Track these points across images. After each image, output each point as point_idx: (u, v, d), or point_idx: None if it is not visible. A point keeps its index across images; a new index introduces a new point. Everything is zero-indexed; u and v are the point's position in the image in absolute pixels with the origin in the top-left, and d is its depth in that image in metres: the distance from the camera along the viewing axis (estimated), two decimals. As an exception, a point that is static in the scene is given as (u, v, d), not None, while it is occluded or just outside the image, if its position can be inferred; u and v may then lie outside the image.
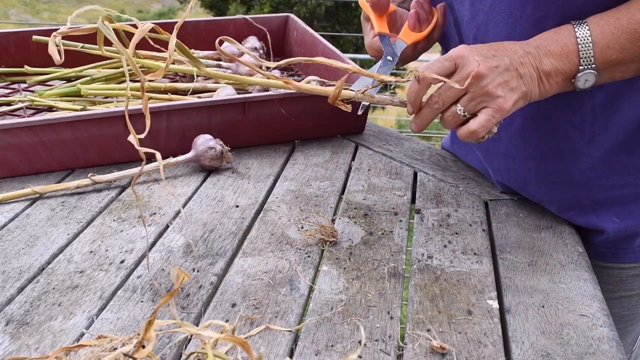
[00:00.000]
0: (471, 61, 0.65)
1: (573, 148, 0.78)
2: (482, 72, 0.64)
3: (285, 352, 0.58)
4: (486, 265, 0.72)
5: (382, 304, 0.65)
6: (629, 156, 0.77)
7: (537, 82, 0.66)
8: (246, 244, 0.76)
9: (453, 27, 0.83)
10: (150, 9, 16.08)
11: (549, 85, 0.66)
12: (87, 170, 0.91)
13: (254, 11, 8.35)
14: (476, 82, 0.65)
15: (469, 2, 0.76)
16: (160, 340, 0.59)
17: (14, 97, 1.05)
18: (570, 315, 0.64)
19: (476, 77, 0.64)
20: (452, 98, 0.67)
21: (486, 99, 0.65)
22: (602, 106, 0.74)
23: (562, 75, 0.66)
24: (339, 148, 1.02)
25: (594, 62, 0.65)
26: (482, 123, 0.66)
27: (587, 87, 0.67)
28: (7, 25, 10.48)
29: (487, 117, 0.66)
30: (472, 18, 0.76)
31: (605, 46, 0.64)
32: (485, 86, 0.65)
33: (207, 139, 0.92)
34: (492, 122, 0.66)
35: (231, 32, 1.32)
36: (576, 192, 0.80)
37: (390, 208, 0.84)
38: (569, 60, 0.65)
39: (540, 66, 0.66)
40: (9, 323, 0.62)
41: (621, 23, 0.64)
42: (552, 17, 0.69)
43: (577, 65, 0.65)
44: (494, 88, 0.65)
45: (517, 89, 0.65)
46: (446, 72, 0.67)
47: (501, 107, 0.65)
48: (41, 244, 0.75)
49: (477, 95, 0.65)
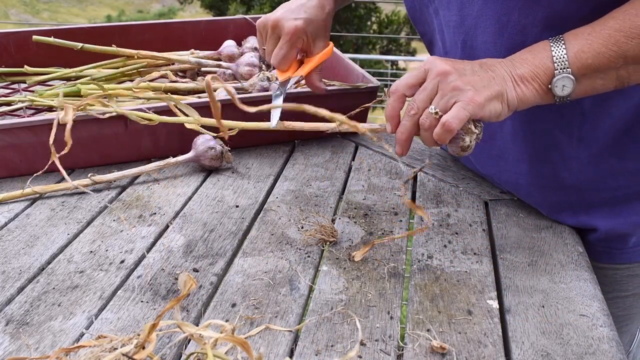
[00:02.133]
0: (438, 63, 0.66)
1: (562, 151, 0.78)
2: (448, 69, 0.65)
3: (285, 352, 0.58)
4: (486, 265, 0.72)
5: (382, 304, 0.65)
6: (618, 159, 0.77)
7: (512, 84, 0.65)
8: (246, 244, 0.76)
9: (437, 33, 0.83)
10: (150, 9, 16.07)
11: (525, 88, 0.66)
12: (87, 170, 0.91)
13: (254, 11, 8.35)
14: (443, 80, 0.65)
15: (457, 8, 0.76)
16: (160, 340, 0.59)
17: (14, 97, 1.05)
18: (570, 315, 0.64)
19: (443, 74, 0.65)
20: (424, 101, 0.67)
21: (455, 93, 0.65)
22: (591, 111, 0.74)
23: (539, 79, 0.65)
24: (339, 148, 1.02)
25: (568, 65, 0.64)
26: (453, 114, 0.64)
27: (565, 94, 0.65)
28: (7, 25, 10.48)
29: (458, 109, 0.64)
30: (460, 23, 0.76)
31: (579, 50, 0.64)
32: (453, 81, 0.65)
33: (207, 139, 0.92)
34: (463, 114, 0.64)
35: (231, 32, 1.32)
36: (567, 195, 0.80)
37: (390, 208, 0.84)
38: (542, 64, 0.65)
39: (513, 70, 0.66)
40: (9, 323, 0.62)
41: (594, 29, 0.64)
42: (537, 24, 0.69)
43: (552, 69, 0.65)
44: (462, 84, 0.64)
45: (488, 87, 0.65)
46: (417, 80, 0.67)
47: (472, 99, 0.64)
48: (41, 244, 0.75)
49: (446, 91, 0.65)
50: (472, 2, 0.73)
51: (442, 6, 0.79)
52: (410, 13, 0.88)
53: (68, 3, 16.58)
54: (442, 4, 0.78)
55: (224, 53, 1.19)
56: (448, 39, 0.80)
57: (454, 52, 0.79)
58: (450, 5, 0.77)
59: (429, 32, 0.87)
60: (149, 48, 1.16)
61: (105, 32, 1.24)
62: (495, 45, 0.73)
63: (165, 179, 0.91)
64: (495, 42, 0.73)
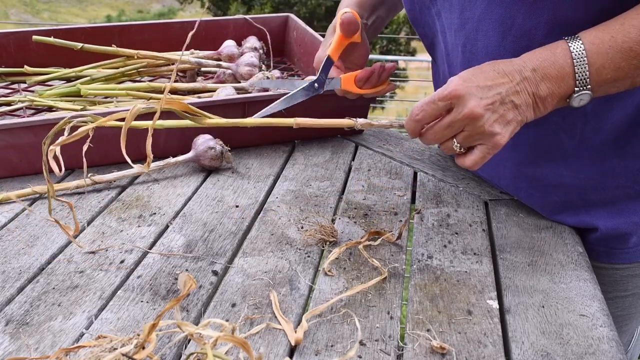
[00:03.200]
0: (466, 101, 0.65)
1: (564, 151, 0.78)
2: (479, 113, 0.64)
3: (285, 352, 0.58)
4: (486, 265, 0.72)
5: (382, 304, 0.65)
6: (619, 158, 0.77)
7: (532, 108, 0.66)
8: (246, 244, 0.76)
9: (440, 35, 0.83)
10: (150, 9, 16.07)
11: (543, 108, 0.67)
12: (87, 170, 0.91)
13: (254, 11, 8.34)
14: (472, 123, 0.65)
15: (459, 11, 0.75)
16: (160, 340, 0.59)
17: (14, 97, 1.05)
18: (570, 315, 0.64)
19: (472, 117, 0.65)
20: (448, 136, 0.68)
21: (482, 137, 0.66)
22: (593, 111, 0.74)
23: (558, 97, 0.66)
24: (339, 148, 1.02)
25: (589, 83, 0.65)
26: (476, 160, 0.67)
27: (581, 106, 0.67)
28: (7, 25, 10.48)
29: (482, 155, 0.67)
30: (461, 27, 0.76)
31: (601, 66, 0.64)
32: (482, 125, 0.65)
33: (207, 139, 0.92)
34: (486, 159, 0.67)
35: (231, 32, 1.32)
36: (568, 194, 0.80)
37: (390, 208, 0.84)
38: (565, 83, 0.65)
39: (536, 92, 0.65)
40: (9, 323, 0.62)
41: (616, 42, 0.64)
42: (542, 28, 0.69)
43: (573, 87, 0.65)
44: (490, 126, 0.65)
45: (513, 120, 0.66)
46: (440, 113, 0.67)
47: (497, 144, 0.66)
48: (41, 244, 0.75)
49: (473, 134, 0.66)
50: (473, 6, 0.73)
51: (444, 9, 0.78)
52: (410, 15, 0.88)
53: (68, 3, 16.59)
54: (444, 7, 0.78)
55: (224, 53, 1.19)
56: (450, 42, 0.80)
57: (454, 55, 0.79)
58: (452, 8, 0.76)
59: (430, 35, 0.87)
60: (148, 48, 1.16)
61: (105, 32, 1.24)
62: (498, 49, 0.72)
63: (165, 179, 0.91)
64: (498, 46, 0.72)
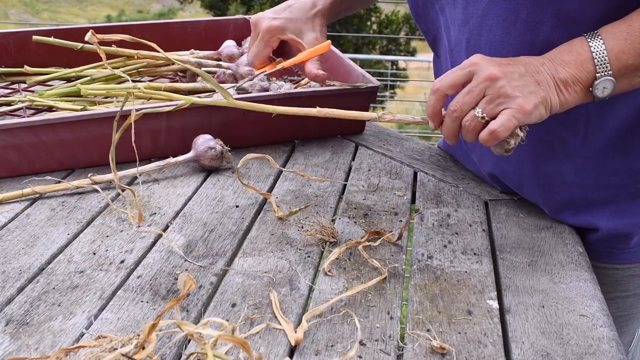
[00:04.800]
0: (485, 67, 0.64)
1: (567, 149, 0.78)
2: (497, 74, 0.64)
3: (285, 352, 0.58)
4: (486, 265, 0.72)
5: (382, 304, 0.65)
6: (622, 157, 0.77)
7: (555, 90, 0.65)
8: (246, 244, 0.76)
9: (443, 30, 0.83)
10: (150, 9, 16.07)
11: (567, 94, 0.66)
12: (87, 170, 0.91)
13: (254, 11, 8.34)
14: (492, 84, 0.64)
15: (462, 6, 0.75)
16: (160, 340, 0.59)
17: (14, 97, 1.05)
18: (570, 315, 0.64)
19: (492, 78, 0.64)
20: (470, 104, 0.66)
21: (505, 100, 0.64)
22: (595, 109, 0.74)
23: (580, 83, 0.65)
24: (339, 148, 1.02)
25: (610, 68, 0.64)
26: (503, 122, 0.64)
27: (605, 96, 0.66)
28: (7, 25, 10.48)
29: (508, 117, 0.64)
30: (464, 22, 0.76)
31: (620, 52, 0.64)
32: (502, 87, 0.64)
33: (207, 139, 0.92)
34: (512, 122, 0.64)
35: (231, 32, 1.32)
36: (570, 193, 0.80)
37: (390, 208, 0.84)
38: (584, 68, 0.65)
39: (556, 74, 0.65)
40: (9, 323, 0.62)
41: (633, 29, 0.64)
42: (547, 22, 0.69)
43: (594, 72, 0.65)
44: (511, 89, 0.64)
45: (536, 93, 0.64)
46: (461, 81, 0.66)
47: (522, 107, 0.64)
48: (41, 244, 0.75)
49: (494, 97, 0.64)
50: (477, 0, 0.73)
51: (448, 4, 0.78)
52: (413, 10, 0.88)
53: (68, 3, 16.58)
54: (448, 2, 0.78)
55: (224, 53, 1.19)
56: (453, 37, 0.80)
57: (458, 50, 0.79)
58: (455, 3, 0.76)
59: (432, 30, 0.87)
60: (149, 48, 1.16)
61: (105, 32, 1.24)
62: (502, 43, 0.72)
63: (165, 179, 0.91)
64: (502, 41, 0.72)
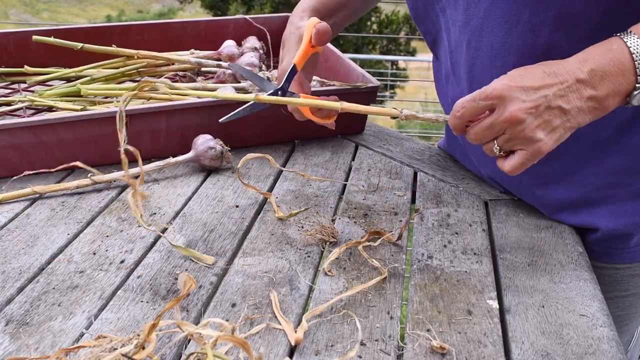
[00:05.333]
0: (508, 105, 0.63)
1: (565, 148, 0.77)
2: (520, 117, 0.62)
3: (285, 352, 0.58)
4: (486, 265, 0.72)
5: (382, 304, 0.65)
6: (620, 156, 0.77)
7: (587, 111, 0.63)
8: (246, 244, 0.76)
9: (444, 32, 0.83)
10: (150, 9, 16.06)
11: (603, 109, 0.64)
12: (87, 170, 0.91)
13: (254, 11, 8.35)
14: (512, 127, 0.63)
15: (464, 7, 0.75)
16: (160, 340, 0.59)
17: (14, 97, 1.05)
18: (570, 315, 0.64)
19: (513, 121, 0.63)
20: (488, 138, 0.66)
21: (523, 142, 0.64)
22: None
23: (619, 96, 0.63)
24: (339, 148, 1.02)
25: None
26: (514, 165, 0.65)
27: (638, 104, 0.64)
28: (7, 25, 10.47)
29: (521, 161, 0.65)
30: (465, 23, 0.76)
31: None
32: (522, 130, 0.63)
33: (207, 139, 0.92)
34: (526, 165, 0.65)
35: (231, 32, 1.32)
36: (569, 192, 0.80)
37: (390, 208, 0.84)
38: (625, 80, 0.63)
39: (595, 94, 0.63)
40: (9, 323, 0.62)
41: None
42: (549, 23, 0.68)
43: (634, 83, 0.63)
44: (531, 132, 0.63)
45: (560, 127, 0.63)
46: (482, 112, 0.66)
47: (539, 151, 0.64)
48: (41, 244, 0.75)
49: (513, 138, 0.64)
50: (479, 2, 0.73)
51: (449, 5, 0.78)
52: (413, 12, 0.87)
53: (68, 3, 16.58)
54: (449, 3, 0.78)
55: (224, 53, 1.19)
56: (454, 38, 0.79)
57: (459, 52, 0.79)
58: (457, 5, 0.76)
59: (433, 31, 0.87)
60: (148, 48, 1.16)
61: (105, 32, 1.24)
62: (503, 45, 0.72)
63: (165, 179, 0.91)
64: (504, 42, 0.72)
